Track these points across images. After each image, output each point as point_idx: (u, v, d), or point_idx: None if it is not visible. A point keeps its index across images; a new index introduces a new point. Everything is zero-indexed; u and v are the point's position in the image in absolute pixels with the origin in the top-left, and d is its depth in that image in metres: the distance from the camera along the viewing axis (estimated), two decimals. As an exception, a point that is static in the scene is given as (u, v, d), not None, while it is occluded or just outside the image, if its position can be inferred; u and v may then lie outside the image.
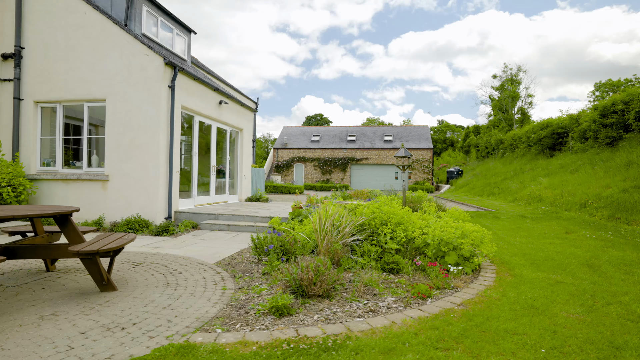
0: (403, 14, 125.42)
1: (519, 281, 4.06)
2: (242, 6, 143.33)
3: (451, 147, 61.11)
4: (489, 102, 34.77)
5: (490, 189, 19.60)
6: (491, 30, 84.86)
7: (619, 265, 4.73)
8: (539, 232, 7.41)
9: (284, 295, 3.23)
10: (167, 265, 4.75)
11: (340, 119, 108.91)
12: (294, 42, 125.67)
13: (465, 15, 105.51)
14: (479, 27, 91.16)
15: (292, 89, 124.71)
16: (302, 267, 3.55)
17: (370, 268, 4.38)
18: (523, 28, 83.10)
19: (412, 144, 32.02)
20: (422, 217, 5.42)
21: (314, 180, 33.10)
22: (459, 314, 3.08)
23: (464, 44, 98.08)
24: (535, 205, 12.42)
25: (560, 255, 5.37)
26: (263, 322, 2.95)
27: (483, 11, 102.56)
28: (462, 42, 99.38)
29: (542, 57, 74.33)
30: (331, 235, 4.69)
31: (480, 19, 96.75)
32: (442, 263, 4.50)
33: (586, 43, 76.10)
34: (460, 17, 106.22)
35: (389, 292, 3.72)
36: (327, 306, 3.32)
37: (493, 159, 28.81)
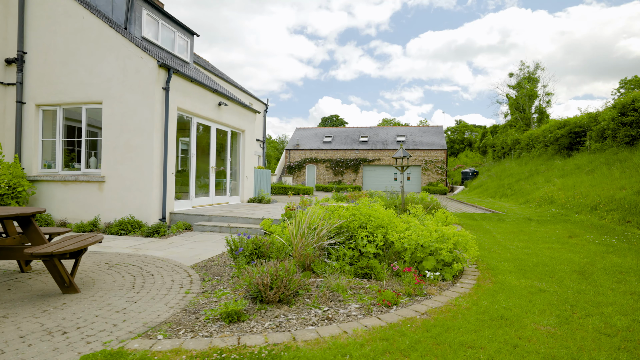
0: (421, 14, 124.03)
1: (498, 289, 3.82)
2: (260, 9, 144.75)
3: (469, 148, 59.87)
4: (506, 100, 33.79)
5: (503, 190, 19.00)
6: (513, 28, 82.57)
7: (614, 272, 4.41)
8: (540, 236, 7.06)
9: (238, 301, 3.12)
10: (143, 267, 4.72)
11: (358, 120, 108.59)
12: (311, 44, 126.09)
13: (485, 13, 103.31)
14: (500, 25, 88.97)
15: (309, 90, 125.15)
16: (261, 271, 3.44)
17: (342, 273, 4.23)
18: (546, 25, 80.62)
19: (425, 144, 31.47)
20: (406, 219, 5.21)
21: (325, 181, 32.96)
22: (418, 324, 2.90)
23: (484, 42, 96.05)
24: (546, 208, 11.92)
25: (554, 261, 5.06)
26: (210, 329, 2.84)
27: (504, 8, 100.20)
28: (482, 40, 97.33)
29: (566, 54, 71.91)
30: (307, 238, 4.56)
31: (502, 17, 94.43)
32: (420, 268, 4.30)
33: (614, 39, 73.21)
34: (481, 15, 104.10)
35: (356, 298, 3.56)
36: (284, 313, 3.19)
37: (509, 159, 27.97)
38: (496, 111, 67.49)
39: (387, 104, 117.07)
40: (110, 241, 6.52)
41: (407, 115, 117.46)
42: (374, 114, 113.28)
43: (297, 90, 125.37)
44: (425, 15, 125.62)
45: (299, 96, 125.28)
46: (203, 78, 11.65)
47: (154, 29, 10.31)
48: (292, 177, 31.68)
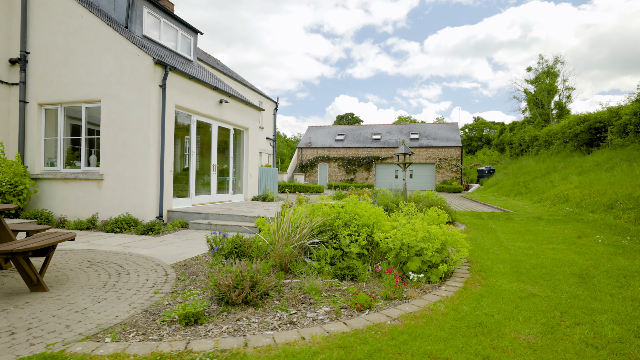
0: (439, 10, 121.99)
1: (485, 292, 3.56)
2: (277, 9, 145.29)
3: (487, 145, 58.48)
4: (524, 96, 32.70)
5: (518, 188, 18.35)
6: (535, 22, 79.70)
7: (618, 276, 4.06)
8: (547, 236, 6.68)
9: (197, 303, 2.98)
10: (123, 265, 4.65)
11: (374, 118, 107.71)
12: (328, 43, 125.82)
13: (506, 8, 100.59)
14: (521, 19, 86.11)
15: (326, 89, 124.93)
16: (228, 271, 3.29)
17: (321, 273, 4.03)
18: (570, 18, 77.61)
19: (439, 141, 30.80)
20: (395, 218, 4.97)
21: (337, 180, 32.72)
22: (385, 331, 2.68)
23: (504, 37, 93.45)
24: (560, 206, 11.38)
25: (554, 263, 4.73)
26: (163, 332, 2.71)
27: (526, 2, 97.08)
28: (502, 35, 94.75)
29: (591, 48, 69.16)
30: (288, 237, 4.39)
31: (523, 11, 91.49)
32: (405, 270, 4.06)
33: (642, 30, 69.93)
34: (501, 10, 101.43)
35: (329, 301, 3.36)
36: (248, 315, 3.03)
37: (527, 156, 27.07)
38: (514, 107, 65.60)
39: (404, 102, 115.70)
40: (102, 239, 6.52)
41: (425, 113, 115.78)
42: (391, 112, 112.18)
43: (313, 89, 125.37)
44: (443, 11, 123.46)
45: (315, 95, 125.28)
46: (206, 76, 11.61)
47: (156, 27, 10.32)
48: (304, 176, 31.60)
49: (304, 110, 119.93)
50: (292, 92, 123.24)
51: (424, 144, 30.87)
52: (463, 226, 8.19)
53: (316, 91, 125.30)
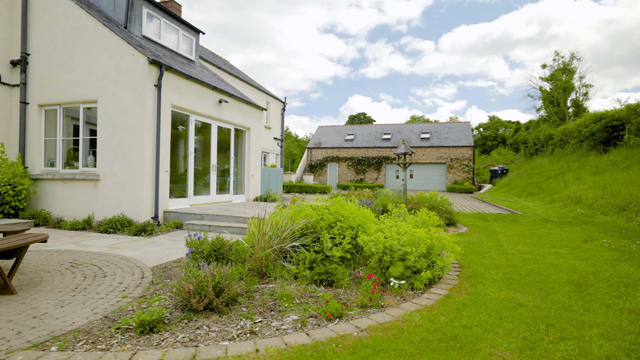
0: (455, 8, 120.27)
1: (469, 301, 3.32)
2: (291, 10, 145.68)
3: (502, 145, 57.31)
4: (539, 94, 31.78)
5: (531, 189, 17.78)
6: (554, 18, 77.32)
7: (618, 285, 3.75)
8: (551, 240, 6.34)
9: (154, 310, 2.84)
10: (103, 267, 4.56)
11: (388, 117, 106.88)
12: (341, 43, 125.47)
13: (523, 4, 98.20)
14: (539, 16, 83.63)
15: (339, 89, 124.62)
16: (193, 275, 3.14)
17: (298, 278, 3.86)
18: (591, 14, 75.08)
19: (451, 141, 30.22)
20: (383, 220, 4.75)
21: (347, 180, 32.46)
22: (348, 344, 2.49)
23: (522, 34, 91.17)
24: (571, 208, 10.91)
25: (553, 268, 4.44)
26: (113, 341, 2.57)
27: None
28: (520, 32, 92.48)
29: (613, 44, 66.81)
30: (269, 240, 4.23)
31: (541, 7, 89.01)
32: (388, 275, 3.85)
33: (666, 25, 67.32)
34: (518, 7, 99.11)
35: (301, 308, 3.18)
36: (210, 323, 2.87)
37: (541, 156, 26.29)
38: (529, 106, 63.95)
39: (418, 101, 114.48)
40: (93, 239, 6.48)
41: (440, 112, 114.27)
42: (405, 112, 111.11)
43: (327, 89, 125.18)
44: (458, 9, 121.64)
45: (329, 95, 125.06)
46: (206, 76, 11.56)
47: (156, 28, 10.31)
48: (313, 176, 31.43)
49: (317, 111, 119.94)
50: (306, 92, 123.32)
51: (434, 143, 30.33)
52: (465, 228, 7.89)
53: (330, 91, 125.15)
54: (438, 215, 8.07)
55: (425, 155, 30.36)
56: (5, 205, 7.93)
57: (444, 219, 8.00)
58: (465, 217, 9.67)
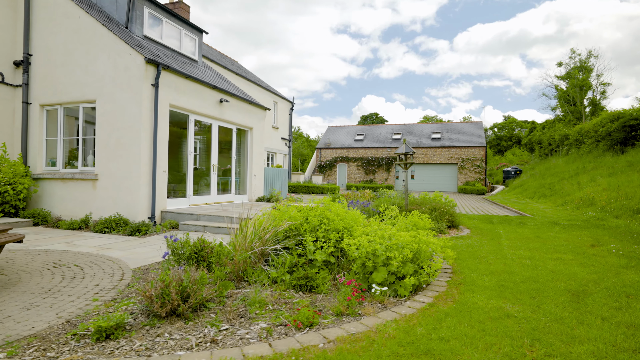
0: (470, 6, 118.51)
1: (453, 311, 3.10)
2: (304, 10, 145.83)
3: (517, 145, 56.15)
4: (554, 92, 30.88)
5: (543, 190, 17.23)
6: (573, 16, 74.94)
7: (619, 295, 3.47)
8: (556, 244, 6.02)
9: (117, 315, 2.71)
10: (86, 268, 4.49)
11: (401, 118, 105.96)
12: (354, 43, 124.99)
13: (541, 2, 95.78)
14: (557, 14, 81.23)
15: (353, 89, 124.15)
16: (160, 279, 3.01)
17: (276, 283, 3.70)
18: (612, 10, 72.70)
19: (462, 141, 29.64)
20: (372, 222, 4.55)
21: (357, 180, 32.18)
22: (309, 356, 2.32)
23: (539, 32, 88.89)
24: (583, 210, 10.46)
25: (552, 276, 4.17)
26: (65, 348, 2.46)
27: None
28: (537, 30, 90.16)
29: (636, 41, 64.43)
30: (251, 242, 4.09)
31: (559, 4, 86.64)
32: (371, 280, 3.66)
33: (690, 21, 64.64)
34: (536, 5, 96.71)
35: (272, 315, 3.02)
36: (173, 330, 2.74)
37: (556, 156, 25.53)
38: (543, 105, 62.19)
39: (432, 101, 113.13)
40: (86, 239, 6.46)
41: (454, 112, 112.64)
42: (419, 112, 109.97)
43: (340, 90, 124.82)
44: (474, 8, 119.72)
45: (342, 95, 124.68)
46: (209, 75, 11.52)
47: (158, 28, 10.31)
48: (322, 176, 31.25)
49: (330, 111, 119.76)
50: (319, 93, 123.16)
51: (446, 143, 29.80)
52: (467, 231, 7.61)
53: (343, 92, 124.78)
54: (440, 217, 7.82)
55: (436, 155, 29.85)
56: (6, 205, 8.01)
57: (445, 221, 7.73)
58: (469, 220, 9.36)
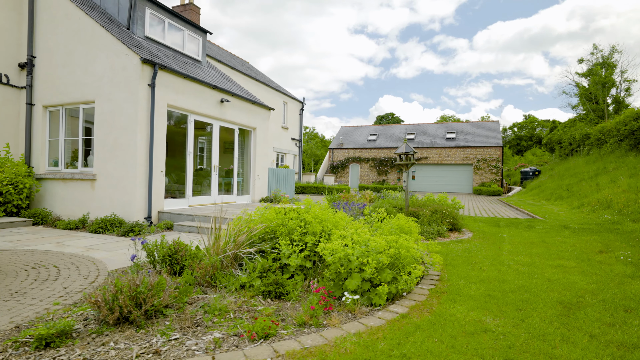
0: (490, 4, 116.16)
1: (426, 324, 2.85)
2: (320, 11, 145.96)
3: (537, 145, 54.56)
4: (575, 90, 29.68)
5: (560, 192, 16.51)
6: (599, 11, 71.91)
7: (616, 308, 3.13)
8: (561, 250, 5.64)
9: (64, 322, 2.59)
10: (63, 269, 4.43)
11: (419, 118, 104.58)
12: (372, 43, 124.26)
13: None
14: (582, 9, 78.11)
15: (370, 89, 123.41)
16: (114, 284, 2.88)
17: (243, 288, 3.52)
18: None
19: (478, 141, 28.86)
20: (354, 225, 4.32)
21: (369, 181, 31.79)
22: (250, 373, 2.12)
23: (563, 29, 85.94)
24: (600, 213, 9.89)
25: (547, 285, 3.84)
26: (0, 356, 2.34)
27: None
28: (561, 27, 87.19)
29: (664, 36, 61.60)
30: (225, 245, 3.93)
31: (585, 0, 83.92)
32: (344, 287, 3.44)
33: None
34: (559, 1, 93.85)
35: (231, 325, 2.84)
36: (120, 339, 2.59)
37: (577, 156, 24.51)
38: (564, 103, 59.91)
39: (451, 101, 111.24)
40: (77, 239, 6.46)
41: (474, 112, 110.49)
42: (437, 112, 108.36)
43: (357, 90, 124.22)
44: (494, 5, 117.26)
45: (359, 96, 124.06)
46: (213, 75, 11.49)
47: (160, 28, 10.33)
48: (334, 177, 31.01)
49: (347, 112, 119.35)
50: (336, 93, 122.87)
51: (460, 143, 29.08)
52: (469, 234, 7.26)
53: (360, 92, 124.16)
54: (441, 219, 7.50)
55: (450, 156, 29.17)
56: (8, 204, 8.13)
57: (446, 223, 7.41)
58: (475, 222, 8.97)
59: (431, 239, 6.60)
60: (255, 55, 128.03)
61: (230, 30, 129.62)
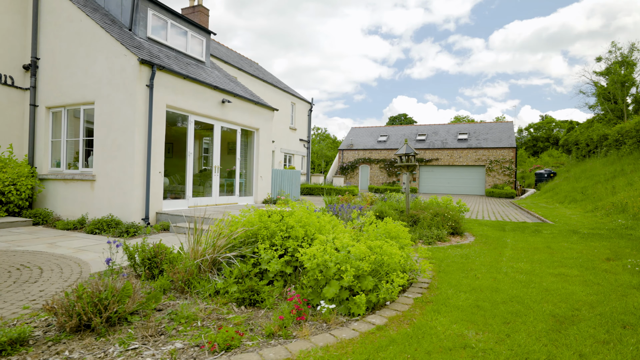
0: (507, 3, 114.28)
1: (402, 337, 2.66)
2: (334, 12, 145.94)
3: (554, 146, 53.25)
4: (594, 89, 28.76)
5: (575, 194, 15.95)
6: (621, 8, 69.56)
7: (613, 324, 2.88)
8: (566, 257, 5.34)
9: (19, 328, 2.50)
10: (46, 270, 4.39)
11: (433, 118, 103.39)
12: (386, 44, 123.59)
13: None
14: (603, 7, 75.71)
15: (383, 90, 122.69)
16: (76, 290, 2.78)
17: (217, 294, 3.39)
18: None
19: (490, 142, 28.24)
20: (341, 229, 4.15)
21: (379, 182, 31.46)
22: (197, 390, 1.98)
23: (583, 27, 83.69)
24: (613, 217, 9.45)
25: (543, 295, 3.59)
26: (-52, 364, 2.26)
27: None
28: (581, 25, 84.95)
29: (690, 33, 59.28)
30: (205, 249, 3.82)
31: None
32: (322, 296, 3.27)
33: None
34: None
35: (196, 334, 2.71)
36: (75, 348, 2.49)
37: (594, 158, 23.72)
38: (580, 103, 58.19)
39: (466, 102, 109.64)
40: (72, 240, 6.45)
41: (490, 112, 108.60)
42: (452, 112, 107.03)
43: (370, 91, 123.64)
44: (511, 4, 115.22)
45: (372, 97, 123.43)
46: (217, 76, 11.46)
47: (162, 29, 10.34)
48: (344, 178, 30.77)
49: (360, 113, 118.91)
50: (349, 94, 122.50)
51: (472, 144, 28.50)
52: (471, 238, 7.00)
53: (373, 93, 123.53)
54: (442, 223, 7.26)
55: (462, 157, 28.62)
56: (10, 204, 8.22)
57: (447, 227, 7.15)
58: (480, 226, 8.67)
59: (430, 243, 6.37)
60: (270, 57, 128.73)
61: (244, 32, 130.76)
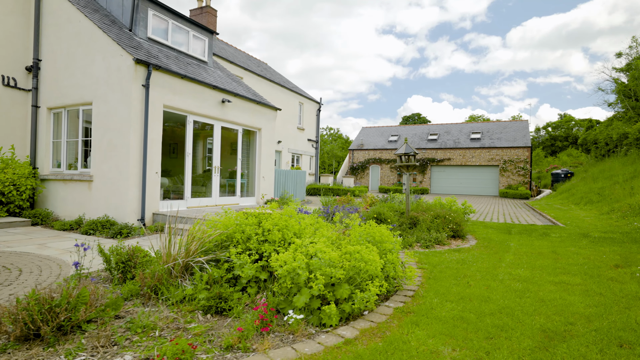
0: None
1: (370, 353, 2.44)
2: (348, 12, 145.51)
3: (573, 146, 51.69)
4: (614, 86, 27.66)
5: (591, 195, 15.30)
6: (645, 3, 67.48)
7: (610, 341, 2.58)
8: (571, 263, 5.00)
9: (-39, 337, 2.38)
10: (25, 272, 4.32)
11: (449, 118, 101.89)
12: (400, 43, 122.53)
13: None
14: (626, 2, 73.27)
15: (398, 90, 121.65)
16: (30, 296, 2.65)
17: (184, 301, 3.22)
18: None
19: (504, 141, 27.49)
20: (323, 233, 3.93)
21: (389, 183, 31.04)
22: (126, 412, 1.80)
23: (605, 23, 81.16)
24: (630, 220, 8.94)
25: (536, 306, 3.31)
26: None
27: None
28: (602, 21, 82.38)
29: None
30: (177, 253, 3.67)
31: (628, -9, 78.72)
32: (292, 305, 3.07)
33: None
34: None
35: (150, 345, 2.54)
36: (17, 359, 2.35)
37: (614, 157, 22.79)
38: (599, 101, 56.36)
39: (483, 101, 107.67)
40: (63, 241, 6.42)
41: (507, 112, 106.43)
42: (467, 112, 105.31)
43: (385, 91, 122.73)
44: (529, 1, 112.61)
45: (387, 96, 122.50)
46: (219, 76, 11.38)
47: (163, 29, 10.30)
48: (354, 179, 30.49)
49: (375, 113, 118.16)
50: (364, 94, 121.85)
51: (486, 144, 27.80)
52: (473, 242, 6.68)
53: (388, 93, 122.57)
54: (442, 225, 6.96)
55: (475, 157, 27.96)
56: (11, 205, 8.29)
57: (447, 230, 6.85)
58: (485, 228, 8.32)
59: (427, 247, 6.09)
60: (284, 57, 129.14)
61: (259, 34, 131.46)
